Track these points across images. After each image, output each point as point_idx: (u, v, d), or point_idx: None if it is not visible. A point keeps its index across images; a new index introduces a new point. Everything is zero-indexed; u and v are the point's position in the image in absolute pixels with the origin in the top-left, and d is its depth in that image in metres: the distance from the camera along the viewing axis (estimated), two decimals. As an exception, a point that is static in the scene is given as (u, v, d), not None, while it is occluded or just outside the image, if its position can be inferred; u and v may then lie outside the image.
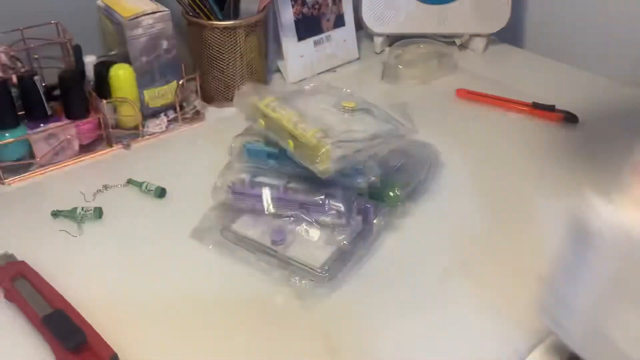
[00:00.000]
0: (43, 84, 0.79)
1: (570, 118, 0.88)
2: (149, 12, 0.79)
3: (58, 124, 0.76)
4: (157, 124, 0.85)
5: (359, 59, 1.08)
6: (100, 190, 0.73)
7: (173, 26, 0.82)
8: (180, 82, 0.86)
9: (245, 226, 0.63)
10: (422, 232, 0.67)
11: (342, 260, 0.60)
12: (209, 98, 0.92)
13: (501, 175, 0.77)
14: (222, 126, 0.87)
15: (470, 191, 0.74)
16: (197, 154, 0.81)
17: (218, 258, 0.63)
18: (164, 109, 0.86)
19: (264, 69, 0.95)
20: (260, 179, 0.65)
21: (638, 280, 0.41)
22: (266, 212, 0.62)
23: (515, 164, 0.79)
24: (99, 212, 0.68)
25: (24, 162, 0.76)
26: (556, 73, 1.05)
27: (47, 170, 0.76)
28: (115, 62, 0.80)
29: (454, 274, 0.61)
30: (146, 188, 0.72)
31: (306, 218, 0.62)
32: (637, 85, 0.99)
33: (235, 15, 0.87)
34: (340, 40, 1.05)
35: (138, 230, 0.67)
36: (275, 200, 0.62)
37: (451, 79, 1.02)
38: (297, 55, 0.99)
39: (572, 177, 0.76)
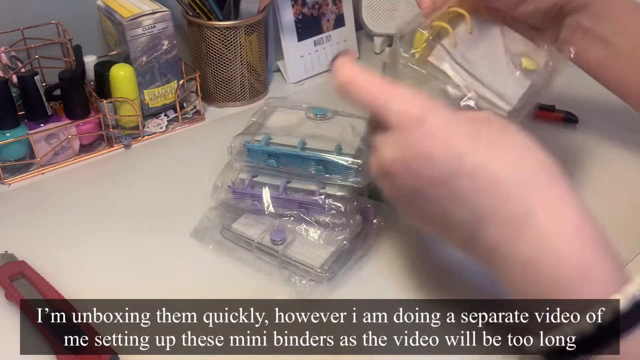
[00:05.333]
0: (43, 84, 0.79)
1: (570, 118, 0.87)
2: (149, 12, 0.79)
3: (58, 123, 0.76)
4: (157, 124, 0.85)
5: (359, 58, 1.08)
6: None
7: (173, 26, 0.82)
8: (181, 82, 0.86)
9: (245, 226, 0.63)
10: (422, 232, 0.67)
11: (342, 260, 0.60)
12: (209, 98, 0.92)
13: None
14: (222, 126, 0.87)
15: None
16: (197, 154, 0.81)
17: (218, 258, 0.62)
18: (164, 109, 0.86)
19: (264, 69, 0.95)
20: (260, 178, 0.65)
21: None
22: (266, 212, 0.62)
23: (515, 164, 0.79)
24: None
25: (24, 162, 0.76)
26: (556, 73, 1.05)
27: (47, 170, 0.76)
28: (115, 62, 0.80)
29: (454, 273, 0.61)
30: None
31: (306, 218, 0.62)
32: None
33: (235, 15, 0.87)
34: (341, 41, 1.05)
35: (138, 230, 0.67)
36: (275, 200, 0.62)
37: (451, 79, 1.02)
38: (297, 55, 0.99)
39: (572, 177, 0.76)
